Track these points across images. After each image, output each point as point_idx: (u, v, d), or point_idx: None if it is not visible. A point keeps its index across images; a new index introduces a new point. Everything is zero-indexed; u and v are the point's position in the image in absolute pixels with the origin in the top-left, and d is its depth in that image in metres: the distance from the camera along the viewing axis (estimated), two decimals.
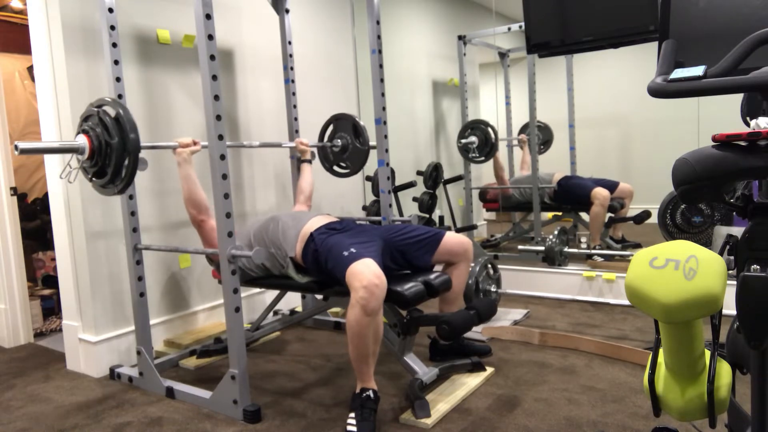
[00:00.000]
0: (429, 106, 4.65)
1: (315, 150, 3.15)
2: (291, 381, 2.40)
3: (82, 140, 1.97)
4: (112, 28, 2.29)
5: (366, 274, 1.85)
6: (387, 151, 2.71)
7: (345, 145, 3.07)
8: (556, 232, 3.62)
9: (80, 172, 2.08)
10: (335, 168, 3.17)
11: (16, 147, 1.82)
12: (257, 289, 3.24)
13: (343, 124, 3.08)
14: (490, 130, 4.16)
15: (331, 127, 3.13)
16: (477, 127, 4.21)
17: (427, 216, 3.64)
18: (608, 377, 2.24)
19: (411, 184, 3.71)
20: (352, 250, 2.00)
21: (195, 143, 2.26)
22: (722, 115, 2.76)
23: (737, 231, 1.06)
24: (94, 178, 2.03)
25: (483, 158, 4.21)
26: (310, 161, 2.94)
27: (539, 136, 4.39)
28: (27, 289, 3.15)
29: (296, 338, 2.97)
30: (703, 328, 1.08)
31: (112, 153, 1.93)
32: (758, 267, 0.99)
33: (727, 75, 0.95)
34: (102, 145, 1.95)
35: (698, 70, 0.98)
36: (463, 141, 4.21)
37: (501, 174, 4.37)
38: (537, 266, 3.53)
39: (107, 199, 2.58)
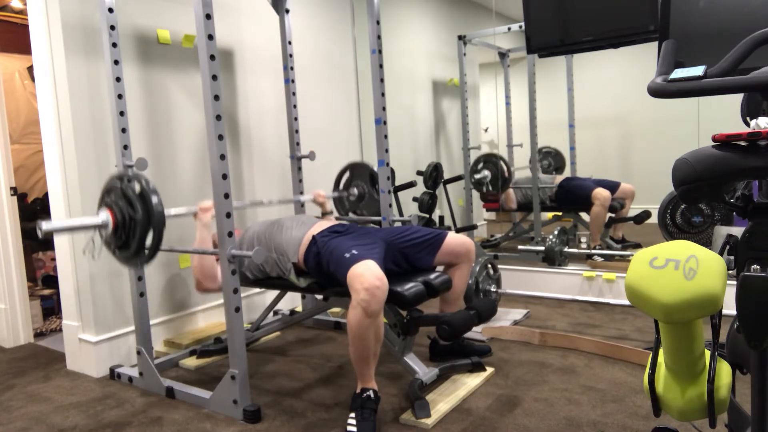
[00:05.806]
0: (429, 106, 4.65)
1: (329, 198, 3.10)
2: (291, 381, 2.40)
3: (105, 215, 1.95)
4: (112, 28, 2.29)
5: (367, 275, 1.85)
6: (387, 151, 2.71)
7: (362, 193, 3.04)
8: (556, 232, 3.62)
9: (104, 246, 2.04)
10: (350, 215, 3.16)
11: (39, 227, 1.77)
12: (257, 289, 3.24)
13: (359, 172, 3.05)
14: (502, 164, 4.14)
15: (347, 175, 3.11)
16: (489, 161, 4.19)
17: (427, 216, 3.64)
18: (608, 377, 2.24)
19: (411, 184, 3.71)
20: (354, 251, 1.99)
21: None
22: (722, 115, 2.76)
23: (737, 231, 1.06)
24: (117, 251, 2.00)
25: (496, 192, 4.21)
26: (331, 212, 2.89)
27: (551, 163, 4.39)
28: (27, 289, 3.15)
29: (296, 338, 2.97)
30: (703, 328, 1.08)
31: (136, 227, 1.90)
32: (758, 267, 0.99)
33: (727, 75, 0.95)
34: (126, 219, 1.92)
35: (698, 70, 0.98)
36: (477, 176, 4.18)
37: (510, 207, 4.33)
38: (537, 266, 3.53)
39: None
